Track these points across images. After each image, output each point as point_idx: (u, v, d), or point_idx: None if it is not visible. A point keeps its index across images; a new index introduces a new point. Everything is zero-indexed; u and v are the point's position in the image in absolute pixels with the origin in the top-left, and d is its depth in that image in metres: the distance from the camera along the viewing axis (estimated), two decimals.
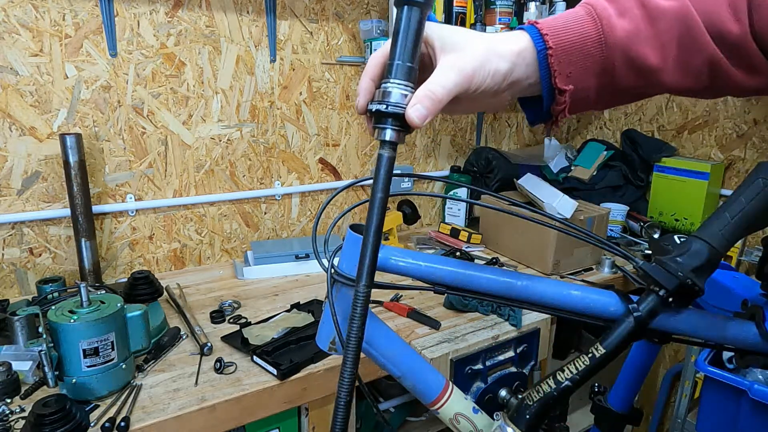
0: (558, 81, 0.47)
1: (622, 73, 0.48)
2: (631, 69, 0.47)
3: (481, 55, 0.45)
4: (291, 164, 1.73)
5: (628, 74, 0.48)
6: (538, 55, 0.47)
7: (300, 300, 1.35)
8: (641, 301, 0.51)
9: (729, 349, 0.54)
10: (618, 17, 0.47)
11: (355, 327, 0.41)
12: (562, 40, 0.46)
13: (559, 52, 0.46)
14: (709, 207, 1.89)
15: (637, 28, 0.47)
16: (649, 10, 0.47)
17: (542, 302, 0.56)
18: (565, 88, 0.47)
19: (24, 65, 1.27)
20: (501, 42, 0.47)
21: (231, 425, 0.98)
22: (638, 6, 0.47)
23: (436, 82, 0.43)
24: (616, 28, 0.46)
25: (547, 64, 0.47)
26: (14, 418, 0.89)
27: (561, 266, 1.59)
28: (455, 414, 0.66)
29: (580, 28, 0.47)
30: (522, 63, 0.47)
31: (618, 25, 0.46)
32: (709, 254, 0.50)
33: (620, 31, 0.46)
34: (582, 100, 0.49)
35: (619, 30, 0.46)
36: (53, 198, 1.36)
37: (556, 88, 0.47)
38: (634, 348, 1.08)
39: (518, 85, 0.48)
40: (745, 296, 0.80)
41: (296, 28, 1.63)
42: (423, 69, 0.47)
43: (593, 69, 0.47)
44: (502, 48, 0.46)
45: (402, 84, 0.43)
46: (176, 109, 1.49)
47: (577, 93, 0.48)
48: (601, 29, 0.46)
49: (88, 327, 0.90)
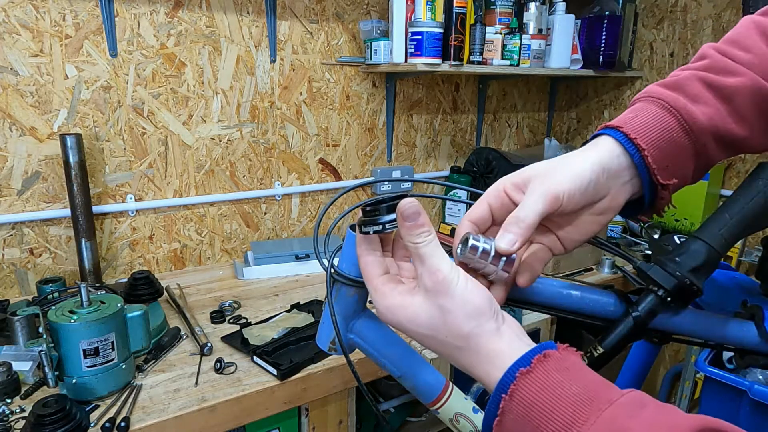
0: (660, 178, 0.47)
1: (714, 151, 0.49)
2: (721, 145, 0.49)
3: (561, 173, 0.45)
4: (291, 164, 1.73)
5: (719, 150, 0.49)
6: (634, 158, 0.46)
7: (300, 300, 1.35)
8: (640, 301, 0.51)
9: (729, 349, 0.54)
10: (694, 104, 0.47)
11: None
12: (651, 138, 0.46)
13: (653, 150, 0.46)
14: (709, 207, 1.89)
15: (716, 110, 0.48)
16: (719, 91, 0.48)
17: (542, 302, 0.56)
18: (667, 182, 0.47)
19: (24, 65, 1.27)
20: (582, 154, 0.47)
21: (231, 425, 0.98)
22: (707, 89, 0.48)
23: (521, 208, 0.44)
24: (696, 114, 0.47)
25: (645, 164, 0.46)
26: (14, 419, 0.89)
27: (561, 266, 1.59)
28: (455, 414, 0.66)
29: (663, 123, 0.47)
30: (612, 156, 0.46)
31: (697, 111, 0.47)
32: (709, 254, 0.50)
33: (701, 116, 0.47)
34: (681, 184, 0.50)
35: (700, 115, 0.47)
36: (53, 198, 1.37)
37: (659, 184, 0.47)
38: (634, 348, 1.08)
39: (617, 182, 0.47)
40: (745, 296, 0.80)
41: (296, 29, 1.63)
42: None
43: (688, 155, 0.48)
44: (584, 158, 0.46)
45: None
46: (176, 110, 1.49)
47: (679, 181, 0.49)
48: (683, 120, 0.47)
49: (88, 327, 0.90)
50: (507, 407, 0.36)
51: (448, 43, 1.63)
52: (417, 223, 0.40)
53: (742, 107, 0.48)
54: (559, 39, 1.86)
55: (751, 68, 0.48)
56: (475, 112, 2.14)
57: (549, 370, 0.36)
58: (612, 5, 1.94)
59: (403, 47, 1.62)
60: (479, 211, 0.47)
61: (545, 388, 0.35)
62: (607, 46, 1.95)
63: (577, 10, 1.92)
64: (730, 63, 0.49)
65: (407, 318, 0.41)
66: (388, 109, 1.87)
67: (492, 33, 1.74)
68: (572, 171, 0.45)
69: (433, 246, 0.40)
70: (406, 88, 1.92)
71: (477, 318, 0.39)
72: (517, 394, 0.36)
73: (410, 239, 0.40)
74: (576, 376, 0.36)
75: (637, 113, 0.48)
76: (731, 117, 0.48)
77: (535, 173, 0.46)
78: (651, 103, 0.48)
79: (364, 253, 0.45)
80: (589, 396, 0.34)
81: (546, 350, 0.37)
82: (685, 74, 0.49)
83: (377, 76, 1.83)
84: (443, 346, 0.40)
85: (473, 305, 0.39)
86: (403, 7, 1.59)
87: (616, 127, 0.47)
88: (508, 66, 1.77)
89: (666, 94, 0.48)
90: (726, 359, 1.16)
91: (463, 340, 0.39)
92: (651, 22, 2.09)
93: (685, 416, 0.33)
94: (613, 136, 0.47)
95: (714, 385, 1.11)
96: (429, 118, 2.01)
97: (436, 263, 0.40)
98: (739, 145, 0.49)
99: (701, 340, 0.54)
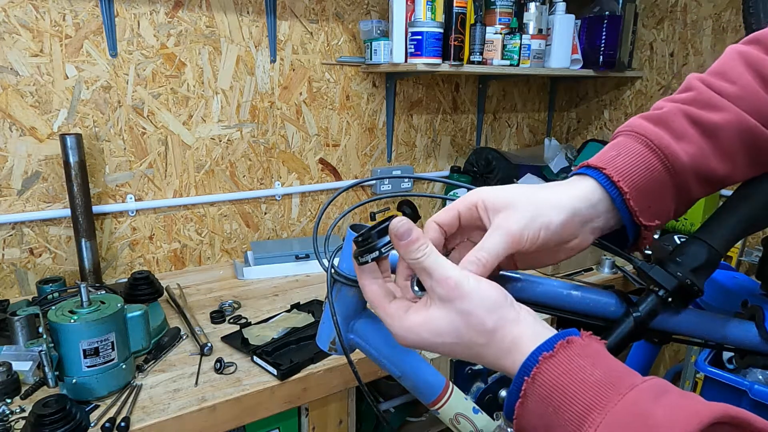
0: (643, 219, 0.46)
1: (696, 188, 0.48)
2: (703, 183, 0.48)
3: (529, 211, 0.44)
4: (291, 164, 1.73)
5: (701, 188, 0.48)
6: (616, 202, 0.46)
7: (300, 300, 1.35)
8: (641, 302, 0.51)
9: (729, 349, 0.54)
10: (677, 142, 0.47)
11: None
12: (634, 181, 0.46)
13: (635, 193, 0.46)
14: (709, 207, 1.89)
15: (700, 148, 0.47)
16: (704, 127, 0.47)
17: (542, 302, 0.56)
18: (650, 224, 0.47)
19: (24, 65, 1.27)
20: (559, 191, 0.46)
21: (231, 425, 0.98)
22: (691, 125, 0.47)
23: (480, 247, 0.43)
24: (679, 154, 0.46)
25: (627, 207, 0.46)
26: (14, 419, 0.89)
27: (561, 266, 1.59)
28: (455, 414, 0.66)
29: (645, 164, 0.46)
30: (587, 206, 0.46)
31: (680, 150, 0.46)
32: (709, 255, 0.50)
33: (684, 156, 0.46)
34: (662, 224, 0.49)
35: (682, 155, 0.46)
36: (53, 198, 1.36)
37: (642, 226, 0.47)
38: (634, 348, 1.08)
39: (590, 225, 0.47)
40: (745, 296, 0.80)
41: (296, 29, 1.63)
42: (478, 230, 0.47)
43: (669, 194, 0.48)
44: (558, 198, 0.45)
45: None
46: (176, 110, 1.49)
47: (660, 222, 0.48)
48: (666, 159, 0.46)
49: (88, 327, 0.90)
50: (529, 390, 0.36)
51: (448, 43, 1.63)
52: (411, 239, 0.40)
53: (725, 144, 0.47)
54: (559, 39, 1.86)
55: (736, 102, 0.47)
56: (475, 112, 2.14)
57: (572, 355, 0.36)
58: (612, 5, 1.94)
59: (403, 47, 1.62)
60: (449, 218, 0.46)
61: (568, 372, 0.35)
62: (607, 46, 1.95)
63: (577, 10, 1.92)
64: (715, 97, 0.48)
65: (430, 332, 0.40)
66: (388, 109, 1.88)
67: (492, 33, 1.74)
68: (542, 215, 0.44)
69: (434, 256, 0.40)
70: (406, 88, 1.92)
71: (497, 310, 0.39)
72: (540, 377, 0.36)
73: (410, 256, 0.40)
74: (598, 362, 0.36)
75: (620, 151, 0.47)
76: (714, 154, 0.47)
77: (509, 203, 0.44)
78: (634, 139, 0.47)
79: (367, 283, 0.45)
80: (611, 381, 0.34)
81: (569, 336, 0.37)
82: (670, 108, 0.49)
83: (377, 76, 1.83)
84: (469, 348, 0.40)
85: (491, 299, 0.39)
86: (403, 7, 1.59)
87: (599, 168, 0.46)
88: (508, 66, 1.77)
89: (650, 130, 0.47)
90: (726, 359, 1.16)
91: (487, 336, 0.39)
92: (651, 22, 2.09)
93: (707, 403, 0.33)
94: (595, 178, 0.46)
95: (714, 385, 1.11)
96: (429, 118, 2.01)
97: (443, 272, 0.40)
98: (721, 181, 0.49)
99: (701, 340, 0.54)
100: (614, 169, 0.46)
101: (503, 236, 0.43)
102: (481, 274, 0.42)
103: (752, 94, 0.47)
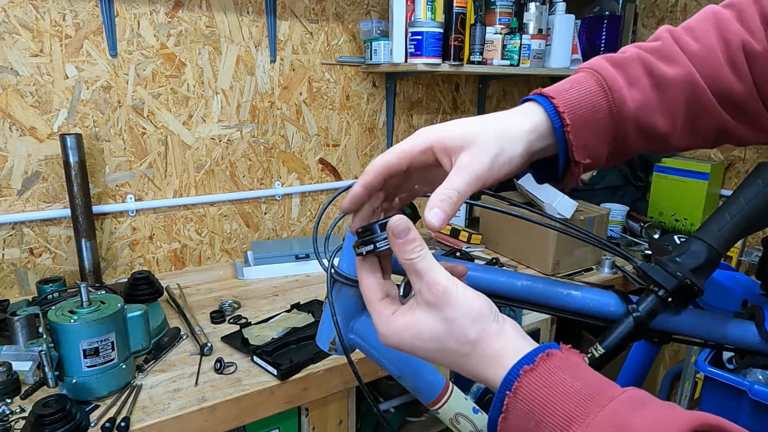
0: (576, 155, 0.47)
1: (634, 140, 0.48)
2: (642, 136, 0.48)
3: (494, 147, 0.44)
4: (291, 164, 1.73)
5: (638, 141, 0.48)
6: (556, 132, 0.46)
7: (300, 300, 1.35)
8: (641, 302, 0.51)
9: (729, 349, 0.54)
10: (628, 88, 0.47)
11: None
12: (577, 115, 0.46)
13: (576, 127, 0.46)
14: (709, 207, 1.89)
15: (647, 98, 0.47)
16: (656, 79, 0.47)
17: (542, 302, 0.56)
18: (582, 161, 0.47)
19: (24, 65, 1.27)
20: (513, 122, 0.46)
21: (231, 425, 0.98)
22: (646, 75, 0.47)
23: (450, 185, 0.42)
24: (626, 99, 0.46)
25: (566, 139, 0.46)
26: (14, 419, 0.89)
27: (561, 266, 1.59)
28: (455, 414, 0.66)
29: (593, 101, 0.46)
30: (538, 138, 0.46)
31: (629, 97, 0.47)
32: (709, 254, 0.50)
33: (631, 103, 0.47)
34: (593, 165, 0.49)
35: (629, 101, 0.46)
36: (53, 198, 1.37)
37: (573, 161, 0.47)
38: (634, 348, 1.08)
39: (534, 157, 0.48)
40: (745, 296, 0.80)
41: (296, 29, 1.63)
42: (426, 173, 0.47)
43: (607, 139, 0.48)
44: (515, 129, 0.45)
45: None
46: (176, 110, 1.49)
47: (592, 162, 0.48)
48: (613, 102, 0.46)
49: (88, 327, 0.90)
50: (511, 404, 0.36)
51: (448, 43, 1.63)
52: (408, 239, 0.40)
53: (671, 99, 0.47)
54: (559, 39, 1.86)
55: (694, 60, 0.47)
56: (475, 112, 2.14)
57: (552, 368, 0.36)
58: (612, 5, 1.94)
59: (403, 47, 1.62)
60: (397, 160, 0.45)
61: (548, 385, 0.36)
62: (607, 46, 1.95)
63: (577, 10, 1.92)
64: (677, 51, 0.48)
65: (413, 335, 0.41)
66: (388, 109, 1.88)
67: (492, 33, 1.74)
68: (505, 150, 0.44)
69: (428, 260, 0.40)
70: (406, 88, 1.92)
71: (481, 322, 0.39)
72: (521, 390, 0.36)
73: (404, 256, 0.40)
74: (579, 375, 0.36)
75: (573, 85, 0.47)
76: (659, 107, 0.47)
77: (470, 140, 0.44)
78: (590, 76, 0.48)
79: (364, 276, 0.45)
80: (591, 393, 0.35)
81: (549, 349, 0.38)
82: (632, 53, 0.49)
83: (377, 76, 1.83)
84: (450, 356, 0.40)
85: (476, 310, 0.39)
86: (403, 7, 1.59)
87: (549, 96, 0.47)
88: (508, 66, 1.77)
89: (607, 71, 0.47)
90: (726, 359, 1.16)
91: (469, 346, 0.39)
92: (651, 22, 2.09)
93: (685, 412, 0.33)
94: (543, 105, 0.46)
95: (714, 385, 1.11)
96: (429, 118, 2.01)
97: (434, 277, 0.40)
98: (659, 139, 0.48)
99: (701, 340, 0.54)
100: (562, 100, 0.46)
101: (472, 175, 0.43)
102: (451, 213, 0.42)
103: (711, 56, 0.47)
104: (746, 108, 0.47)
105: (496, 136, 0.44)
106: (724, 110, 0.47)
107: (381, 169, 0.44)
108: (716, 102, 0.47)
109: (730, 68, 0.47)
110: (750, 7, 0.48)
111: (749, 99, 0.47)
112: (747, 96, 0.47)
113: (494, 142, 0.44)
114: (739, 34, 0.47)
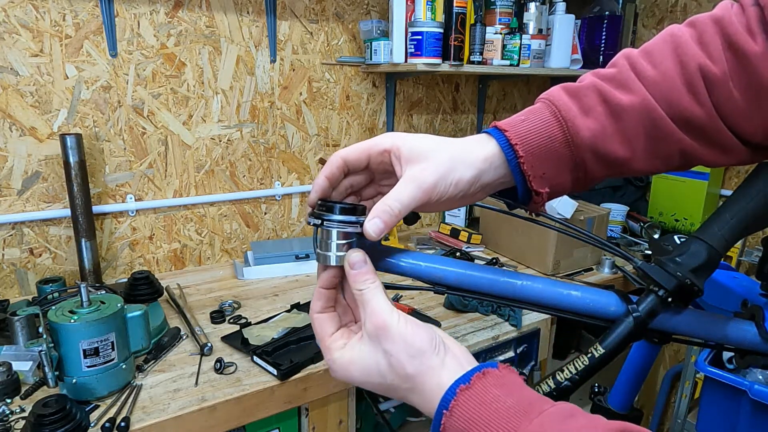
0: (534, 185, 0.47)
1: (593, 167, 0.49)
2: (601, 163, 0.48)
3: (444, 166, 0.45)
4: (291, 164, 1.73)
5: (598, 167, 0.49)
6: (510, 164, 0.47)
7: (300, 300, 1.35)
8: (641, 302, 0.51)
9: (729, 349, 0.54)
10: (582, 116, 0.47)
11: None
12: (531, 146, 0.46)
13: (530, 158, 0.46)
14: (709, 207, 1.89)
15: (602, 126, 0.47)
16: (611, 107, 0.47)
17: (542, 302, 0.56)
18: (541, 190, 0.48)
19: (24, 65, 1.27)
20: (468, 149, 0.47)
21: (231, 425, 0.98)
22: (600, 102, 0.47)
23: (394, 197, 0.43)
24: (581, 128, 0.47)
25: (521, 170, 0.47)
26: (14, 419, 0.89)
27: (561, 266, 1.59)
28: None
29: (547, 132, 0.47)
30: (490, 168, 0.47)
31: (583, 126, 0.47)
32: (709, 254, 0.50)
33: (585, 131, 0.47)
34: (558, 192, 0.50)
35: (584, 130, 0.47)
36: (53, 198, 1.37)
37: (533, 191, 0.48)
38: (634, 348, 1.08)
39: (490, 186, 0.48)
40: (745, 296, 0.80)
41: (296, 29, 1.63)
42: (387, 175, 0.48)
43: (567, 167, 0.48)
44: (469, 155, 0.46)
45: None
46: (176, 110, 1.49)
47: (553, 190, 0.49)
48: (567, 131, 0.47)
49: (88, 327, 0.90)
50: (448, 423, 0.38)
51: (448, 43, 1.63)
52: (361, 271, 0.43)
53: (627, 127, 0.47)
54: (559, 39, 1.86)
55: (650, 86, 0.47)
56: (475, 112, 2.14)
57: (487, 386, 0.38)
58: (612, 5, 1.94)
59: (403, 47, 1.62)
60: (357, 157, 0.47)
61: (483, 402, 0.37)
62: (607, 46, 1.95)
63: (577, 10, 1.92)
64: (632, 78, 0.47)
65: (359, 370, 0.43)
66: (388, 109, 1.88)
67: (492, 33, 1.74)
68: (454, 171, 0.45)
69: (374, 291, 0.42)
70: (406, 88, 1.92)
71: (419, 357, 0.40)
72: (457, 409, 0.37)
73: (355, 286, 0.43)
74: (513, 391, 0.37)
75: (528, 117, 0.48)
76: (615, 135, 0.47)
77: (424, 155, 0.45)
78: (546, 107, 0.48)
79: (317, 309, 0.47)
80: (523, 408, 0.36)
81: (486, 368, 0.39)
82: (588, 82, 0.49)
83: (377, 76, 1.83)
84: (394, 390, 0.42)
85: (414, 346, 0.41)
86: (403, 7, 1.59)
87: (503, 130, 0.47)
88: (508, 66, 1.78)
89: (562, 101, 0.48)
90: (726, 359, 1.16)
91: (409, 381, 0.41)
92: (651, 22, 2.09)
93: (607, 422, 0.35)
94: (497, 140, 0.47)
95: (714, 385, 1.11)
96: (429, 118, 2.01)
97: (376, 307, 0.42)
98: (619, 165, 0.48)
99: (701, 340, 0.54)
100: (515, 133, 0.47)
101: (417, 189, 0.44)
102: (391, 224, 0.43)
103: (668, 81, 0.47)
104: (708, 131, 0.47)
105: (450, 156, 0.45)
106: (686, 134, 0.47)
107: (340, 162, 0.46)
108: (676, 127, 0.47)
109: (688, 92, 0.46)
110: (710, 27, 0.47)
111: (710, 122, 0.46)
112: (707, 120, 0.46)
113: (446, 162, 0.45)
114: (697, 57, 0.46)
